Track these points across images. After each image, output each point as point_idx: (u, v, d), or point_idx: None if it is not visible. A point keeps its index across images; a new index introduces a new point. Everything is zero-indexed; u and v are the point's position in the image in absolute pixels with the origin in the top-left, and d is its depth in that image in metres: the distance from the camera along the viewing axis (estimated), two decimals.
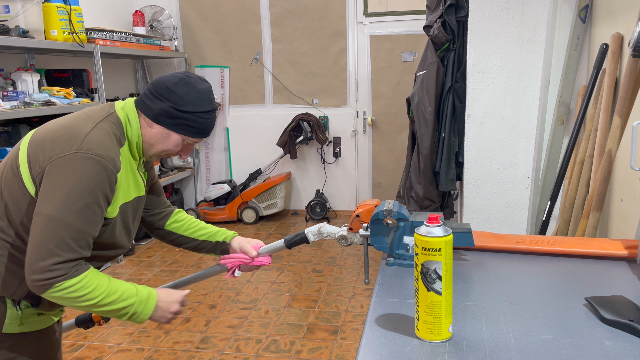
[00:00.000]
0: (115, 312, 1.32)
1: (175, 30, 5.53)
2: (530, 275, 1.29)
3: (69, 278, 1.22)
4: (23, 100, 3.54)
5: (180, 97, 1.34)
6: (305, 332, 3.11)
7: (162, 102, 1.35)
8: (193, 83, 1.36)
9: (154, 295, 1.38)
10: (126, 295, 1.32)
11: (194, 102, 1.35)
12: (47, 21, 3.78)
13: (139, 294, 1.34)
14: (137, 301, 1.33)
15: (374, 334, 1.03)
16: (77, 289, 1.24)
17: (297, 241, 1.55)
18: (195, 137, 1.40)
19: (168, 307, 1.40)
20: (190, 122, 1.37)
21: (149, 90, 1.37)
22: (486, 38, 2.75)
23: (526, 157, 2.81)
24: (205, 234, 1.65)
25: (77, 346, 3.01)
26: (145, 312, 1.35)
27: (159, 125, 1.37)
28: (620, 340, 0.98)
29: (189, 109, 1.35)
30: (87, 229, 1.24)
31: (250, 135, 5.71)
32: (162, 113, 1.35)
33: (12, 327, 1.34)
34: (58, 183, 1.21)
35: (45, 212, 1.21)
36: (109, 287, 1.29)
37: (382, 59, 5.33)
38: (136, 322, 1.37)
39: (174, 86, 1.35)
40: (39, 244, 1.21)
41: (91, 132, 1.27)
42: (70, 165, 1.22)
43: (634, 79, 2.09)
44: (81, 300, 1.25)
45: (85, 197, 1.22)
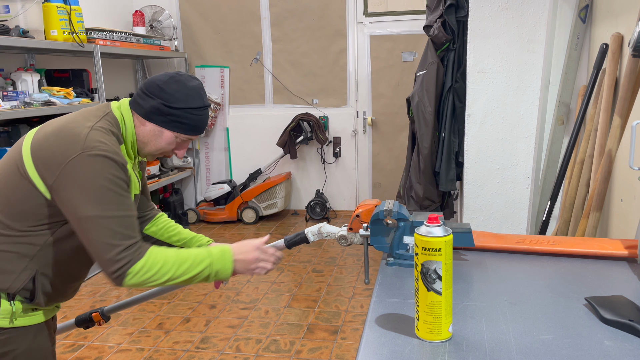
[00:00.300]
0: (198, 277, 1.36)
1: (175, 30, 5.53)
2: (530, 275, 1.29)
3: (136, 261, 1.27)
4: (23, 100, 3.53)
5: (170, 94, 1.38)
6: (305, 332, 3.11)
7: (153, 99, 1.38)
8: (183, 81, 1.40)
9: (227, 249, 1.43)
10: (199, 259, 1.36)
11: (184, 99, 1.38)
12: (47, 21, 3.77)
13: (212, 255, 1.39)
14: (213, 261, 1.38)
15: (374, 334, 1.03)
16: (148, 268, 1.29)
17: (297, 241, 1.55)
18: (188, 133, 1.43)
19: (246, 255, 1.45)
20: (181, 119, 1.40)
21: (141, 89, 1.41)
22: (486, 38, 2.75)
23: (526, 157, 2.81)
24: (181, 240, 1.70)
25: (77, 346, 3.01)
26: (227, 266, 1.41)
27: (151, 123, 1.40)
28: (620, 340, 0.98)
29: (179, 106, 1.38)
30: (127, 212, 1.30)
31: (250, 135, 5.71)
32: (153, 110, 1.38)
33: (5, 322, 1.35)
34: (78, 186, 1.25)
35: (84, 215, 1.25)
36: (178, 257, 1.34)
37: (382, 59, 5.33)
38: (223, 278, 1.42)
39: (164, 84, 1.38)
40: (96, 244, 1.26)
41: (91, 132, 1.30)
42: (81, 166, 1.26)
43: (634, 79, 2.09)
44: (157, 277, 1.30)
45: (109, 186, 1.27)
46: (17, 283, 1.33)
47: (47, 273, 1.37)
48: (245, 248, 1.46)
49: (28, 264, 1.33)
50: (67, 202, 1.27)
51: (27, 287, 1.35)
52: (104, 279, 4.02)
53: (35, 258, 1.34)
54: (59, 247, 1.37)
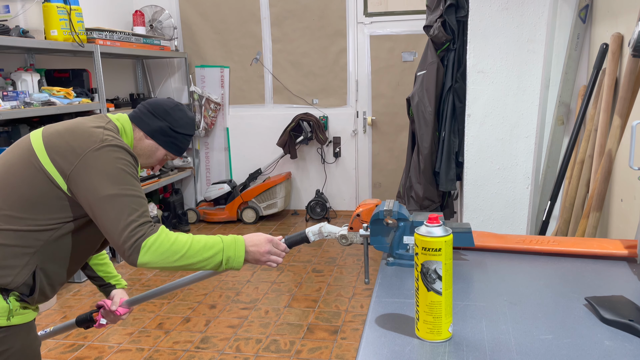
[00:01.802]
0: (211, 260, 1.40)
1: (175, 30, 5.53)
2: (530, 275, 1.29)
3: (149, 235, 1.33)
4: (23, 100, 3.53)
5: (176, 119, 1.56)
6: (305, 332, 3.11)
7: (160, 121, 1.55)
8: (185, 110, 1.60)
9: (240, 238, 1.47)
10: (211, 242, 1.41)
11: (185, 126, 1.58)
12: (47, 21, 3.78)
13: (224, 240, 1.44)
14: (226, 246, 1.42)
15: (374, 334, 1.03)
16: (161, 242, 1.34)
17: (298, 241, 1.55)
18: (176, 154, 1.62)
19: (258, 246, 1.48)
20: (178, 142, 1.58)
21: (146, 109, 1.56)
22: (486, 38, 2.75)
23: (526, 157, 2.81)
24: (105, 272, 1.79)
25: (77, 346, 3.01)
26: (239, 254, 1.44)
27: (152, 140, 1.55)
28: (620, 340, 0.98)
29: (181, 131, 1.57)
30: (141, 194, 1.39)
31: (250, 135, 5.71)
32: (159, 130, 1.55)
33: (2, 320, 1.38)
34: (98, 170, 1.34)
35: (104, 194, 1.33)
36: (190, 238, 1.39)
37: (382, 59, 5.33)
38: (234, 267, 1.44)
39: (171, 110, 1.56)
40: (114, 220, 1.32)
41: (105, 130, 1.42)
42: (102, 154, 1.36)
43: (634, 79, 2.09)
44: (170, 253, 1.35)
45: (127, 170, 1.37)
46: (19, 278, 1.36)
47: (45, 269, 1.41)
48: (257, 239, 1.49)
49: (30, 258, 1.37)
50: (85, 186, 1.34)
51: (27, 282, 1.38)
52: None
53: (37, 253, 1.38)
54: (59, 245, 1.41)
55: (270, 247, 1.50)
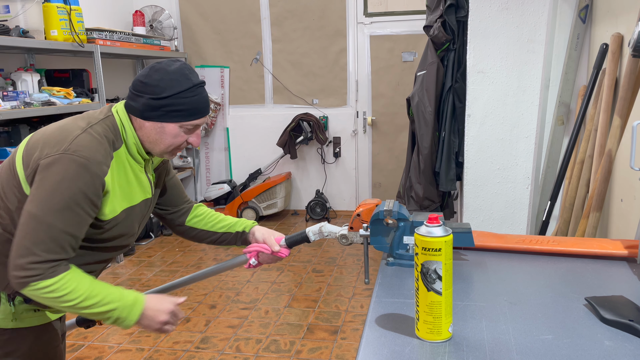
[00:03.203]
0: (98, 315, 1.30)
1: (175, 30, 5.53)
2: (530, 275, 1.29)
3: (45, 279, 1.22)
4: (23, 100, 3.53)
5: (154, 85, 1.30)
6: (305, 332, 3.11)
7: (142, 97, 1.32)
8: (163, 67, 1.32)
9: (141, 302, 1.35)
10: (108, 299, 1.30)
11: (169, 86, 1.30)
12: (47, 21, 3.77)
13: (124, 299, 1.32)
14: (121, 306, 1.31)
15: (374, 334, 1.03)
16: (54, 289, 1.23)
17: (298, 240, 1.55)
18: (190, 119, 1.35)
19: (155, 316, 1.37)
20: (175, 107, 1.32)
21: (130, 90, 1.36)
22: (486, 38, 2.75)
23: (526, 157, 2.81)
24: (225, 226, 1.65)
25: (77, 346, 3.01)
26: (130, 319, 1.33)
27: (149, 122, 1.34)
28: (620, 340, 0.98)
29: (167, 94, 1.30)
30: (68, 229, 1.24)
31: (250, 135, 5.71)
32: (146, 107, 1.32)
33: (5, 323, 1.35)
34: (42, 182, 1.22)
35: (28, 209, 1.22)
36: (90, 290, 1.27)
37: (382, 59, 5.33)
38: (121, 327, 1.34)
39: (146, 77, 1.32)
40: (20, 241, 1.22)
41: (81, 134, 1.27)
42: (55, 165, 1.22)
43: (634, 79, 2.09)
44: (59, 301, 1.25)
45: (67, 197, 1.22)
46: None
47: None
48: (160, 307, 1.38)
49: None
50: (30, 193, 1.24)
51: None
52: (104, 279, 4.02)
53: None
54: None
55: (168, 319, 1.38)
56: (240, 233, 1.64)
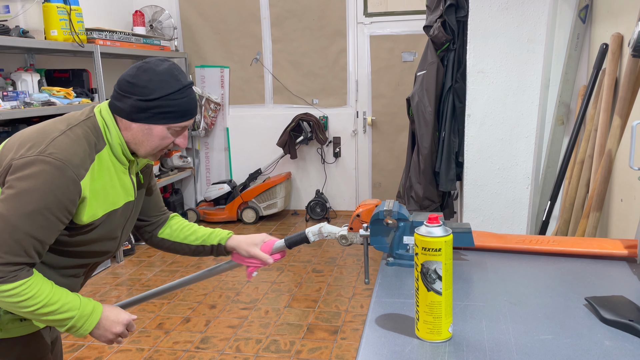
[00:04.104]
0: (55, 322, 1.29)
1: (175, 30, 5.53)
2: (530, 275, 1.29)
3: (5, 282, 1.19)
4: (23, 100, 3.53)
5: (143, 86, 1.27)
6: (305, 332, 3.11)
7: (129, 98, 1.28)
8: (152, 67, 1.28)
9: (99, 312, 1.35)
10: (67, 307, 1.28)
11: (158, 87, 1.27)
12: (47, 21, 3.77)
13: (82, 308, 1.31)
14: (78, 315, 1.30)
15: (374, 334, 1.03)
16: (13, 294, 1.21)
17: (298, 241, 1.55)
18: (179, 121, 1.32)
19: (111, 326, 1.37)
20: (163, 109, 1.29)
21: (115, 90, 1.32)
22: (486, 38, 2.75)
23: (526, 157, 2.81)
24: (199, 238, 1.61)
25: (77, 346, 3.01)
26: (85, 328, 1.33)
27: (136, 123, 1.30)
28: (620, 340, 0.98)
29: (156, 95, 1.27)
30: (36, 234, 1.21)
31: (250, 135, 5.71)
32: (133, 109, 1.28)
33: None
34: (14, 183, 1.19)
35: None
36: (50, 297, 1.26)
37: (382, 59, 5.33)
38: (75, 335, 1.34)
39: (134, 78, 1.28)
40: None
41: (60, 136, 1.24)
42: (29, 166, 1.19)
43: (634, 79, 2.09)
44: (18, 306, 1.23)
45: (37, 201, 1.19)
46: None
47: None
48: (116, 318, 1.38)
49: None
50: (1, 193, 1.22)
51: None
52: (104, 279, 4.03)
53: None
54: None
55: (122, 330, 1.39)
56: (216, 246, 1.61)
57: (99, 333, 1.37)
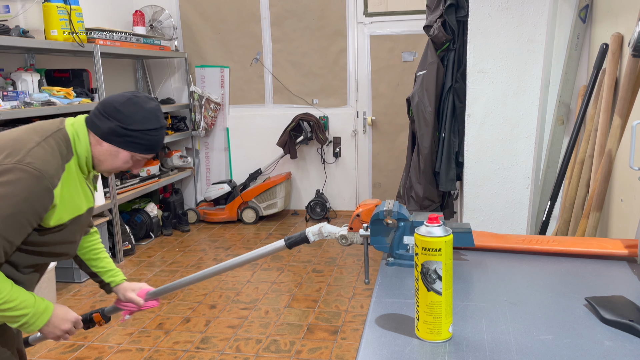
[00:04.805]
0: (9, 319, 1.38)
1: (175, 30, 5.53)
2: (530, 275, 1.29)
3: None
4: (23, 100, 3.53)
5: (127, 116, 1.42)
6: (305, 332, 3.11)
7: (110, 121, 1.42)
8: (140, 102, 1.44)
9: (50, 310, 1.46)
10: (23, 305, 1.38)
11: (141, 121, 1.43)
12: (47, 21, 3.77)
13: (36, 306, 1.41)
14: (32, 313, 1.40)
15: (374, 334, 1.03)
16: None
17: (298, 241, 1.55)
18: (144, 153, 1.48)
19: (60, 324, 1.49)
20: (138, 140, 1.44)
21: (98, 110, 1.44)
22: (486, 38, 2.75)
23: (526, 157, 2.81)
24: (99, 267, 1.76)
25: (77, 346, 3.01)
26: (37, 325, 1.43)
27: (108, 143, 1.44)
28: (620, 340, 0.98)
29: (136, 127, 1.43)
30: (8, 236, 1.29)
31: (250, 135, 5.71)
32: (111, 132, 1.42)
33: None
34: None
35: None
36: (9, 294, 1.35)
37: (382, 59, 5.33)
38: (26, 331, 1.43)
39: (122, 106, 1.42)
40: None
41: (36, 147, 1.33)
42: (7, 174, 1.27)
43: (634, 79, 2.09)
44: None
45: (14, 206, 1.27)
46: None
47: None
48: (65, 316, 1.51)
49: None
50: None
51: None
52: None
53: None
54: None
55: (70, 328, 1.52)
56: (106, 283, 1.76)
57: (48, 330, 1.48)
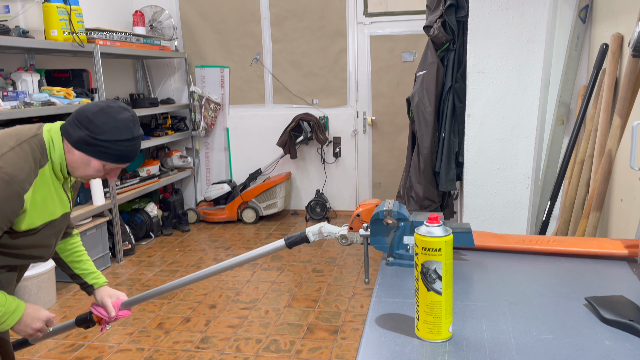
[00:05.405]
0: None
1: (175, 30, 5.53)
2: (530, 275, 1.29)
3: None
4: (23, 101, 3.53)
5: (97, 126, 1.42)
6: (305, 332, 3.11)
7: (81, 130, 1.43)
8: (112, 113, 1.44)
9: (22, 309, 1.50)
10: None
11: (111, 131, 1.43)
12: (47, 21, 3.77)
13: (7, 305, 1.45)
14: (3, 311, 1.44)
15: (374, 334, 1.03)
16: None
17: (298, 241, 1.55)
18: (117, 162, 1.49)
19: (31, 322, 1.53)
20: (108, 150, 1.45)
21: (73, 117, 1.46)
22: (486, 38, 2.75)
23: (526, 157, 2.81)
24: (80, 269, 1.78)
25: (77, 346, 3.01)
26: (8, 323, 1.47)
27: (79, 152, 1.45)
28: (620, 340, 0.98)
29: (105, 138, 1.43)
30: None
31: (250, 135, 5.71)
32: (81, 141, 1.43)
33: None
34: None
35: None
36: None
37: (382, 59, 5.33)
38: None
39: (93, 115, 1.43)
40: None
41: (9, 152, 1.35)
42: None
43: (634, 79, 2.09)
44: None
45: None
46: None
47: None
48: (37, 315, 1.54)
49: None
50: None
51: None
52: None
53: None
54: None
55: (41, 326, 1.55)
56: (88, 285, 1.78)
57: (20, 328, 1.52)
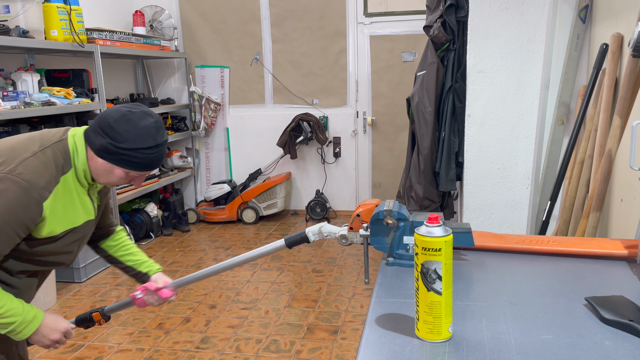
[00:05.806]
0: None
1: (175, 30, 5.53)
2: (530, 275, 1.29)
3: None
4: (23, 101, 3.53)
5: (119, 134, 1.38)
6: (305, 332, 3.11)
7: (103, 137, 1.39)
8: (134, 119, 1.38)
9: (39, 319, 1.45)
10: (11, 312, 1.38)
11: (133, 139, 1.38)
12: (47, 21, 3.77)
13: (24, 315, 1.41)
14: (20, 321, 1.40)
15: (374, 334, 1.03)
16: None
17: (298, 241, 1.55)
18: (139, 170, 1.45)
19: (49, 333, 1.48)
20: (131, 158, 1.40)
21: (95, 123, 1.42)
22: (486, 38, 2.75)
23: (526, 157, 2.81)
24: (132, 260, 1.75)
25: (77, 346, 3.01)
26: (25, 333, 1.43)
27: (101, 159, 1.41)
28: (620, 340, 0.98)
29: (128, 146, 1.38)
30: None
31: (250, 135, 5.71)
32: (102, 148, 1.40)
33: None
34: None
35: None
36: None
37: (382, 59, 5.33)
38: (14, 338, 1.43)
39: (115, 122, 1.38)
40: None
41: (31, 157, 1.33)
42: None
43: (634, 79, 2.09)
44: None
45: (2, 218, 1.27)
46: None
47: None
48: (56, 325, 1.50)
49: None
50: None
51: None
52: (104, 279, 4.02)
53: None
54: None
55: (59, 338, 1.51)
56: (143, 274, 1.75)
57: (37, 338, 1.48)
